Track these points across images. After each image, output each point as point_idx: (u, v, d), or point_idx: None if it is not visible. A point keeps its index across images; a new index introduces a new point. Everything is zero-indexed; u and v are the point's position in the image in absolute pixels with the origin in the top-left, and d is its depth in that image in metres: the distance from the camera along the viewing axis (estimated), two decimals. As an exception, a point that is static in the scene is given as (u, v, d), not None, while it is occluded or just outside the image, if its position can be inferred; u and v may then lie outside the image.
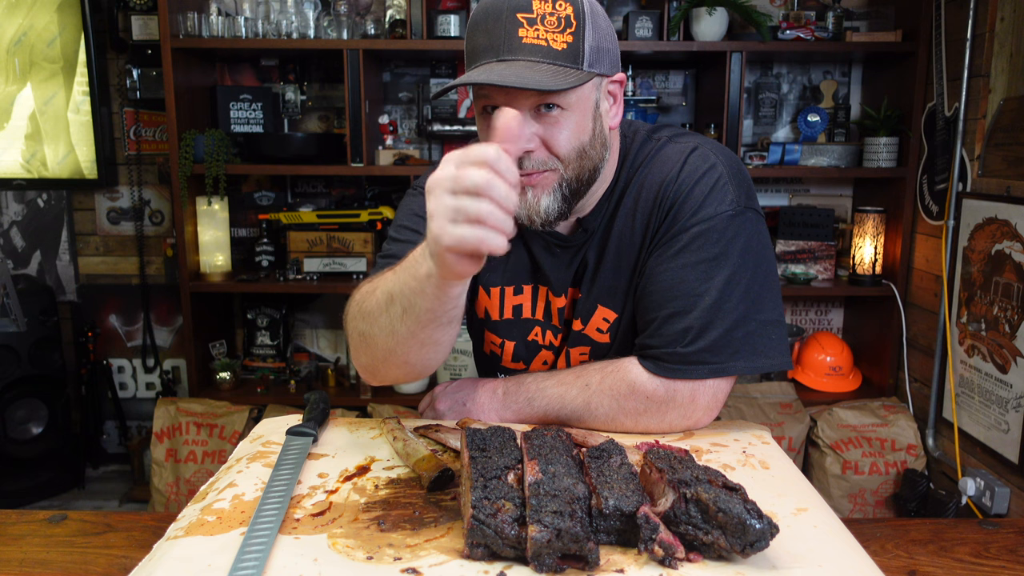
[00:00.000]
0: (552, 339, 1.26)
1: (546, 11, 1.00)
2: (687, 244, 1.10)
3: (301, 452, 0.99)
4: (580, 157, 1.08)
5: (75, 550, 0.98)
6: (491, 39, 1.01)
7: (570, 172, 1.08)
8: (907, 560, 0.95)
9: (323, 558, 0.76)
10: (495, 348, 1.31)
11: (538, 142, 1.05)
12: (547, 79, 0.98)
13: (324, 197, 3.27)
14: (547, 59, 1.00)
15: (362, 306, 1.07)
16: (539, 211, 1.08)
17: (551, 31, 1.00)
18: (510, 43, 1.00)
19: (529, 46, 1.00)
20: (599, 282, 1.19)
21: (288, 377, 3.15)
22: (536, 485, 0.76)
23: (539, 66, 0.99)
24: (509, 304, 1.26)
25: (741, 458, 1.02)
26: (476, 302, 1.29)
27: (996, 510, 2.30)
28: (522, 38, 0.99)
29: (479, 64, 1.03)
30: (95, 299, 3.36)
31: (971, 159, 2.51)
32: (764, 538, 0.72)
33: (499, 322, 1.27)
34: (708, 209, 1.10)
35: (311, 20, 2.88)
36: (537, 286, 1.24)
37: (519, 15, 1.00)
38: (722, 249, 1.09)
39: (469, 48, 1.06)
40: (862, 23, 3.04)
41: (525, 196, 1.07)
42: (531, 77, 0.97)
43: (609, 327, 1.20)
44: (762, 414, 2.80)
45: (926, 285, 2.79)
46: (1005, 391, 2.30)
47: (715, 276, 1.08)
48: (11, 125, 3.18)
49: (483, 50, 1.03)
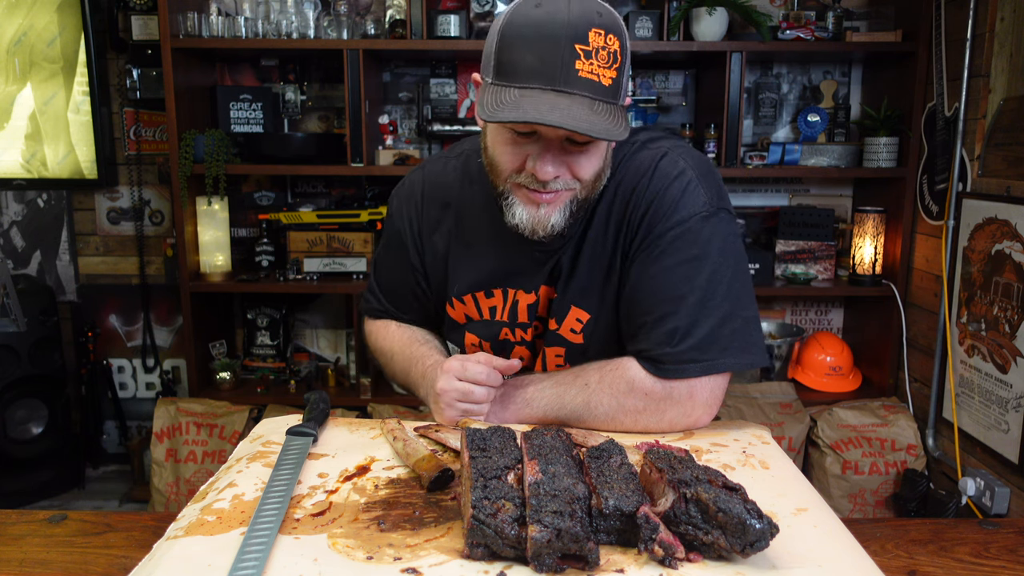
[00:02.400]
0: (524, 335, 1.27)
1: (599, 44, 0.99)
2: (665, 248, 1.12)
3: (301, 452, 0.99)
4: (596, 179, 1.12)
5: (75, 550, 0.98)
6: (544, 64, 0.99)
7: (583, 192, 1.11)
8: (907, 560, 0.95)
9: (323, 558, 0.76)
10: (475, 348, 1.32)
11: (565, 168, 1.07)
12: (609, 125, 0.99)
13: (324, 197, 3.27)
14: (599, 96, 1.00)
15: (376, 345, 1.42)
16: (547, 225, 1.11)
17: (602, 66, 1.00)
18: (567, 75, 0.98)
19: (584, 80, 0.99)
20: (573, 284, 1.20)
21: (288, 377, 3.15)
22: (536, 485, 0.76)
23: (595, 105, 0.99)
24: (485, 306, 1.28)
25: (741, 458, 1.02)
26: (451, 311, 1.31)
27: (996, 510, 2.30)
28: (579, 71, 0.98)
29: (529, 87, 0.99)
30: (95, 299, 3.36)
31: (971, 159, 2.51)
32: (764, 538, 0.72)
33: (477, 323, 1.29)
34: (682, 212, 1.12)
35: (311, 20, 2.88)
36: (507, 289, 1.25)
37: (577, 46, 0.98)
38: (700, 250, 1.11)
39: (508, 59, 1.01)
40: (862, 23, 3.04)
41: (537, 211, 1.09)
42: (598, 124, 0.98)
43: (583, 327, 1.22)
44: (762, 414, 2.80)
45: (926, 285, 2.79)
46: (1005, 391, 2.30)
47: (696, 276, 1.11)
48: (11, 125, 3.18)
49: (533, 72, 0.99)
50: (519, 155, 1.07)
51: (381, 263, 1.40)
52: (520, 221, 1.11)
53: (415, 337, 1.35)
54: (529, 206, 1.10)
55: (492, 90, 1.02)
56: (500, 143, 1.09)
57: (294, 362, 3.26)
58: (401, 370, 1.33)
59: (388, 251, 1.37)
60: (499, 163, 1.10)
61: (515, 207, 1.11)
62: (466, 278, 1.27)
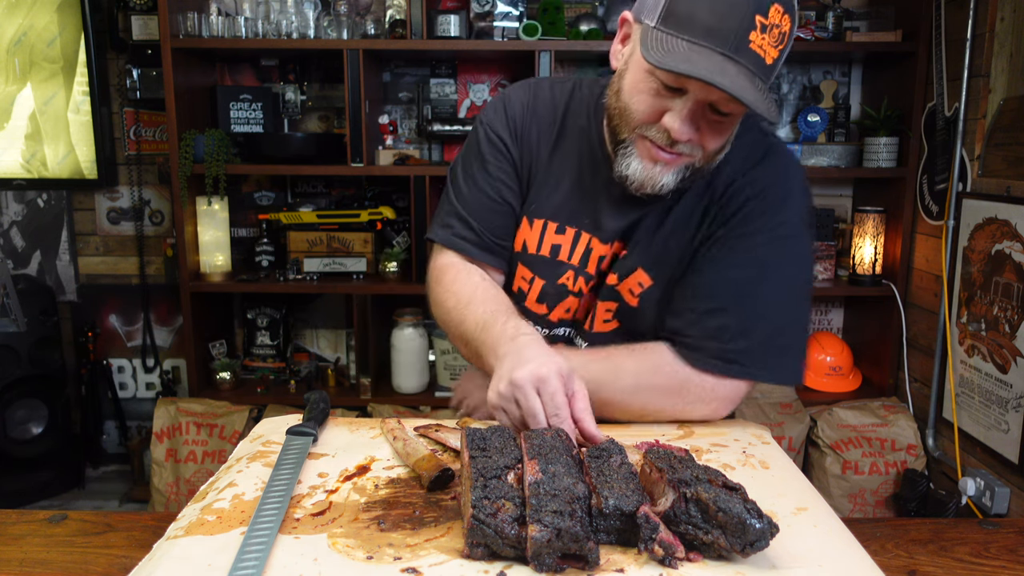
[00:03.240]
0: (583, 286, 1.23)
1: (775, 21, 0.97)
2: (748, 246, 1.10)
3: (301, 452, 0.99)
4: (717, 152, 1.09)
5: (75, 550, 0.98)
6: (720, 24, 0.95)
7: (701, 162, 1.08)
8: (907, 560, 0.95)
9: (323, 558, 0.76)
10: (523, 285, 1.27)
11: (697, 134, 1.04)
12: (761, 100, 0.96)
13: (324, 197, 3.27)
14: (760, 72, 0.98)
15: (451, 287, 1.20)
16: (657, 184, 1.08)
17: (771, 43, 0.97)
18: (740, 43, 0.95)
19: (753, 53, 0.96)
20: (650, 248, 1.17)
21: (288, 377, 3.15)
22: (536, 485, 0.76)
23: (756, 80, 0.97)
24: (548, 241, 1.23)
25: (741, 458, 1.02)
26: (517, 232, 1.26)
27: (996, 510, 2.30)
28: (751, 42, 0.96)
29: (699, 45, 0.96)
30: (95, 299, 3.36)
31: (971, 159, 2.51)
32: (764, 538, 0.72)
33: (534, 257, 1.24)
34: (779, 217, 1.11)
35: (311, 20, 2.88)
36: (581, 231, 1.21)
37: (758, 17, 0.95)
38: (780, 260, 1.10)
39: (684, 10, 0.97)
40: (862, 23, 3.04)
41: (653, 167, 1.07)
42: (759, 99, 0.95)
43: (641, 292, 1.19)
44: (762, 414, 2.80)
45: (926, 285, 2.79)
46: (1005, 391, 2.30)
47: (765, 284, 1.10)
48: (11, 125, 3.18)
49: (708, 31, 0.96)
50: (658, 108, 1.03)
51: (465, 179, 1.25)
52: (633, 173, 1.08)
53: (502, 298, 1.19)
54: (647, 161, 1.07)
55: (656, 35, 0.98)
56: (642, 91, 1.04)
57: (294, 362, 3.26)
58: (474, 321, 1.13)
59: (478, 160, 1.24)
60: (634, 111, 1.05)
61: (631, 158, 1.08)
62: (546, 201, 1.23)
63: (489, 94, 3.17)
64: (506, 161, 1.23)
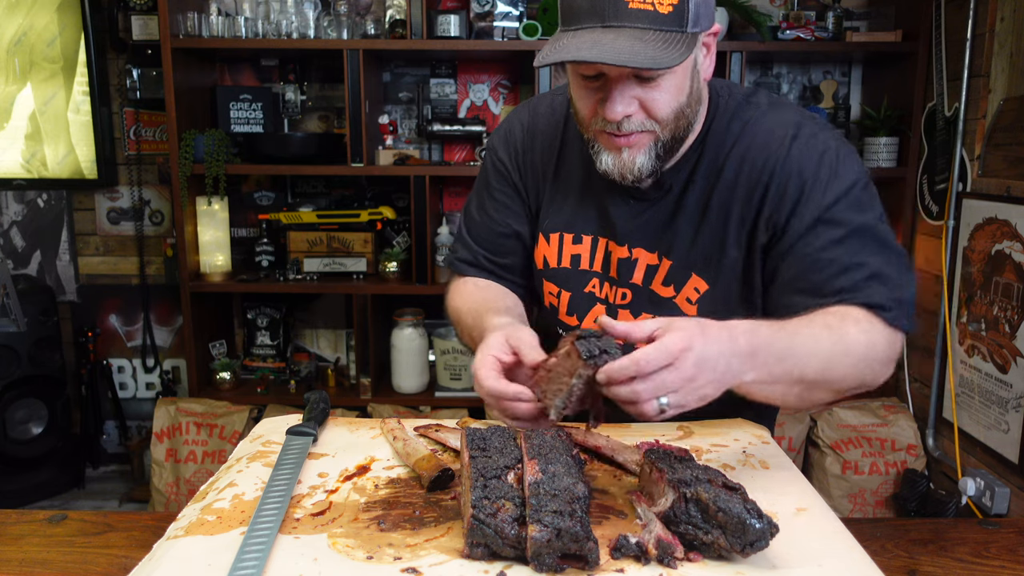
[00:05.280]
0: (609, 292, 1.22)
1: None
2: (835, 218, 1.07)
3: (301, 452, 0.99)
4: (677, 118, 1.06)
5: (75, 550, 0.98)
6: (593, 2, 0.97)
7: (666, 133, 1.07)
8: (907, 560, 0.95)
9: (323, 558, 0.76)
10: (553, 300, 1.27)
11: (637, 106, 1.03)
12: (657, 53, 0.95)
13: (324, 197, 3.27)
14: (654, 25, 0.96)
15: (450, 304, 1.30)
16: (633, 169, 1.08)
17: None
18: (615, 8, 0.96)
19: (635, 11, 0.96)
20: (695, 250, 1.15)
21: (288, 377, 3.15)
22: (536, 485, 0.76)
23: (647, 35, 0.96)
24: (567, 253, 1.24)
25: (741, 458, 1.02)
26: (536, 250, 1.27)
27: (996, 510, 2.30)
28: (627, 3, 0.96)
29: (580, 28, 0.98)
30: (95, 299, 3.36)
31: (971, 159, 2.51)
32: (764, 538, 0.72)
33: (556, 270, 1.25)
34: (846, 180, 1.08)
35: (311, 20, 2.88)
36: (597, 237, 1.22)
37: None
38: (867, 218, 1.08)
39: (566, 6, 1.01)
40: (862, 23, 3.04)
41: (620, 155, 1.07)
42: (641, 52, 0.94)
43: (699, 298, 1.16)
44: (762, 414, 2.80)
45: (926, 285, 2.79)
46: (1005, 391, 2.30)
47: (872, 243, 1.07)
48: (11, 125, 3.18)
49: (584, 13, 0.98)
50: (592, 99, 1.05)
51: (474, 205, 1.33)
52: (608, 167, 1.09)
53: (488, 297, 1.25)
54: (612, 151, 1.08)
55: (556, 37, 1.01)
56: (575, 90, 1.08)
57: (294, 362, 3.26)
58: (466, 329, 1.23)
59: (485, 188, 1.31)
60: (579, 110, 1.09)
61: (601, 154, 1.09)
62: (557, 214, 1.24)
63: (489, 94, 3.17)
64: (509, 186, 1.28)
